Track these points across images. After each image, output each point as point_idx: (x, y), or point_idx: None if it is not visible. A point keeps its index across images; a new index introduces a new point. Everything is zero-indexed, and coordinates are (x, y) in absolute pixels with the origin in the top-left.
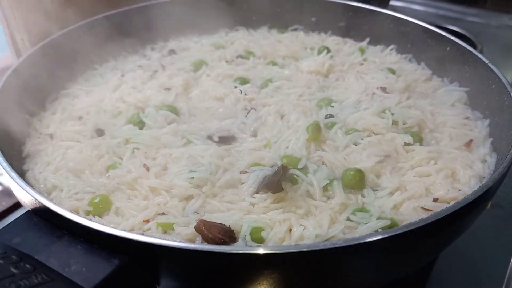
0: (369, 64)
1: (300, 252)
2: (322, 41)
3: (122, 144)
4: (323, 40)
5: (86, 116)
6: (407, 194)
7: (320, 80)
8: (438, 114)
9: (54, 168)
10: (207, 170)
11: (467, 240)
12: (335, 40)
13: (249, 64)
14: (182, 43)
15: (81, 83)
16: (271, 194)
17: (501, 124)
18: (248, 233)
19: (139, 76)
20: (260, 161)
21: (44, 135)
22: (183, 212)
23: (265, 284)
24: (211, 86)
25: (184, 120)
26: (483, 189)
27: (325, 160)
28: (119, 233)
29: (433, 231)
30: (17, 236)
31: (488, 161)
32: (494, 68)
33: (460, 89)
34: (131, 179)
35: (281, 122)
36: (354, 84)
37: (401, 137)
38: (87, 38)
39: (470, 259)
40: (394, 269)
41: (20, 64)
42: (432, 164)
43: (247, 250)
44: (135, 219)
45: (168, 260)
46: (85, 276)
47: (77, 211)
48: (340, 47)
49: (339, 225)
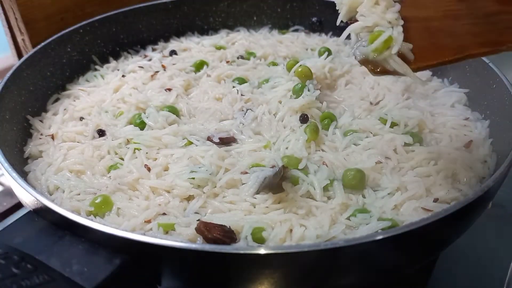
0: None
1: (301, 252)
2: (323, 42)
3: (123, 145)
4: (324, 42)
5: (87, 116)
6: (407, 195)
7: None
8: (438, 114)
9: (56, 168)
10: (208, 171)
11: (467, 240)
12: (336, 41)
13: (250, 64)
14: (183, 44)
15: (82, 83)
16: (272, 195)
17: (501, 125)
18: (249, 233)
19: (140, 76)
20: (260, 161)
21: (46, 135)
22: (184, 212)
23: (266, 284)
24: (211, 86)
25: (184, 120)
26: (483, 189)
27: (325, 161)
28: (120, 233)
29: (434, 231)
30: (18, 236)
31: (488, 161)
32: (494, 68)
33: (460, 90)
34: (132, 180)
35: (276, 122)
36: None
37: (401, 137)
38: (88, 39)
39: (471, 259)
40: (394, 269)
41: (21, 65)
42: (432, 165)
43: (248, 250)
44: (136, 220)
45: (169, 260)
46: (87, 276)
47: (79, 211)
48: (340, 48)
49: (340, 226)
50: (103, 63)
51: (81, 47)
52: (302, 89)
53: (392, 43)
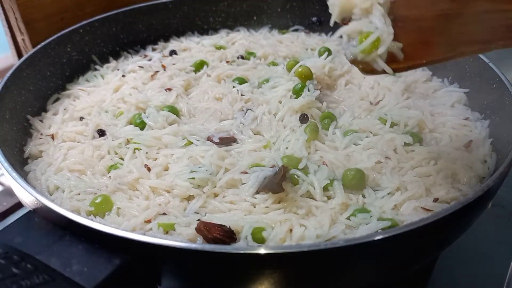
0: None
1: (301, 252)
2: (323, 42)
3: (123, 145)
4: (324, 41)
5: (87, 116)
6: (407, 194)
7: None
8: (438, 114)
9: (56, 168)
10: (208, 171)
11: (467, 240)
12: (336, 41)
13: (250, 64)
14: (183, 44)
15: (82, 83)
16: (272, 195)
17: (501, 125)
18: (249, 233)
19: (140, 76)
20: (260, 161)
21: (45, 135)
22: (184, 212)
23: (266, 284)
24: (211, 86)
25: (184, 120)
26: (483, 189)
27: (325, 160)
28: (120, 233)
29: (434, 231)
30: (18, 236)
31: (488, 161)
32: (494, 68)
33: (460, 90)
34: (132, 180)
35: (276, 122)
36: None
37: (401, 137)
38: (88, 39)
39: (471, 259)
40: (394, 269)
41: (21, 65)
42: (432, 165)
43: (248, 250)
44: (136, 220)
45: (169, 260)
46: (87, 276)
47: (79, 211)
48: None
49: (340, 225)
50: (103, 63)
51: (81, 47)
52: (302, 89)
53: (380, 44)
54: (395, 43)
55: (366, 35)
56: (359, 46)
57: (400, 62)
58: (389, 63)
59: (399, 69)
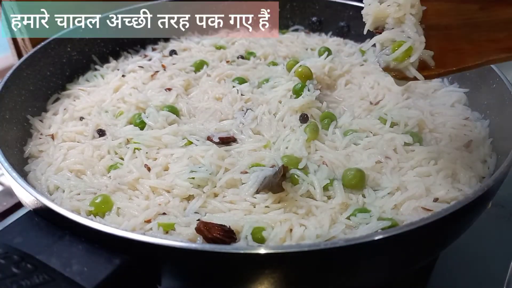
0: (369, 65)
1: (301, 252)
2: (323, 42)
3: (123, 145)
4: (324, 41)
5: (87, 116)
6: (407, 194)
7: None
8: (438, 114)
9: (56, 168)
10: (208, 171)
11: (467, 239)
12: (336, 41)
13: (250, 64)
14: (183, 44)
15: (82, 83)
16: (272, 194)
17: (501, 124)
18: (249, 233)
19: (140, 76)
20: (260, 161)
21: (46, 135)
22: (184, 212)
23: (266, 284)
24: (211, 86)
25: (184, 120)
26: (483, 188)
27: (325, 160)
28: (120, 233)
29: (434, 231)
30: (18, 236)
31: (488, 161)
32: (494, 68)
33: (459, 90)
34: (132, 179)
35: (276, 122)
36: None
37: (401, 137)
38: (88, 39)
39: (471, 258)
40: (394, 269)
41: (21, 65)
42: (432, 164)
43: (248, 250)
44: (136, 219)
45: (169, 260)
46: (87, 276)
47: (79, 211)
48: (340, 48)
49: (340, 225)
50: (103, 63)
51: (81, 47)
52: (302, 89)
53: (412, 52)
54: (426, 51)
55: (399, 44)
56: (392, 55)
57: (431, 70)
58: (420, 70)
59: (430, 76)
